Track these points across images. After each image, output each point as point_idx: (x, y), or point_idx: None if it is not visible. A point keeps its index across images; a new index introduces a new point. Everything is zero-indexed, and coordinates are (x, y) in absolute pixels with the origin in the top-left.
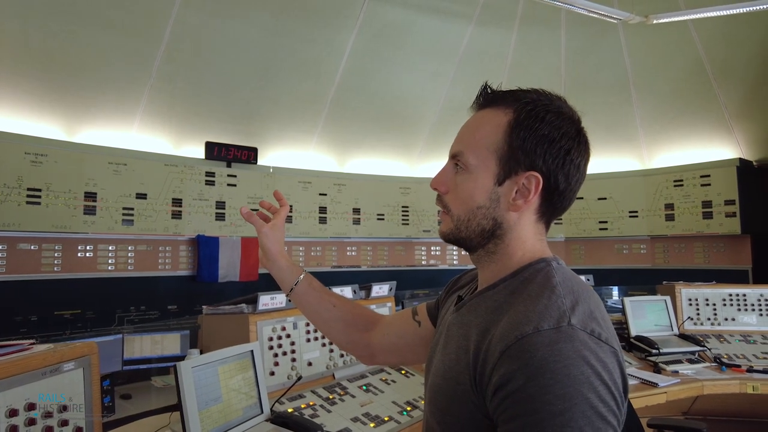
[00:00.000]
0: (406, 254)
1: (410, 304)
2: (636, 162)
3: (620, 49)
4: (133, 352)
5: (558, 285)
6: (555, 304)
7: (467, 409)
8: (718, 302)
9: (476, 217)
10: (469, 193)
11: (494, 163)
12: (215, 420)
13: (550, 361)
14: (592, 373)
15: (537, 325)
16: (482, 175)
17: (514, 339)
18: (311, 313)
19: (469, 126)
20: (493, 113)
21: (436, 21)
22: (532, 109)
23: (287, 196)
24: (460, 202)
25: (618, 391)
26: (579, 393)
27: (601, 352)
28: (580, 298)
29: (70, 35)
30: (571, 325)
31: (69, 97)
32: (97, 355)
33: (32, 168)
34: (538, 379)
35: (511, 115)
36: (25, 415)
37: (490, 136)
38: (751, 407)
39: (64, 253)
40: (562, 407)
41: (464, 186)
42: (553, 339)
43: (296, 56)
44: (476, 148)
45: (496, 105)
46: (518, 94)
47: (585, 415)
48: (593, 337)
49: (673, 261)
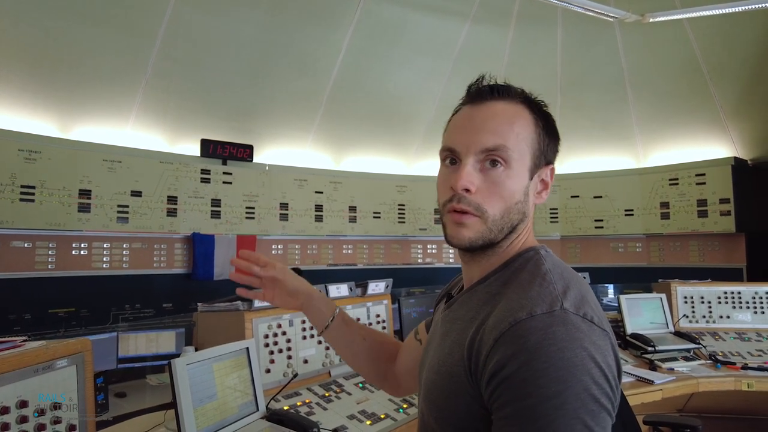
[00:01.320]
0: (403, 252)
1: (406, 302)
2: (632, 160)
3: (616, 48)
4: (127, 350)
5: (548, 272)
6: (547, 290)
7: (464, 401)
8: (713, 300)
9: (510, 213)
10: (510, 188)
11: (528, 157)
12: (210, 418)
13: (544, 344)
14: (586, 355)
15: (530, 310)
16: (522, 170)
17: (508, 325)
18: (342, 348)
19: (496, 118)
20: (511, 107)
21: (433, 18)
22: (543, 106)
23: (283, 194)
24: (499, 199)
25: (612, 373)
26: (573, 376)
27: (594, 336)
28: (570, 283)
29: (64, 31)
30: (564, 309)
31: (63, 94)
32: (90, 352)
33: (26, 165)
34: (531, 363)
35: (527, 110)
36: (17, 412)
37: (526, 129)
38: (746, 404)
39: (58, 251)
40: (555, 390)
41: (505, 182)
42: (546, 323)
43: (292, 53)
44: (518, 140)
45: (506, 98)
46: (519, 89)
47: (579, 397)
48: (586, 321)
49: (668, 259)
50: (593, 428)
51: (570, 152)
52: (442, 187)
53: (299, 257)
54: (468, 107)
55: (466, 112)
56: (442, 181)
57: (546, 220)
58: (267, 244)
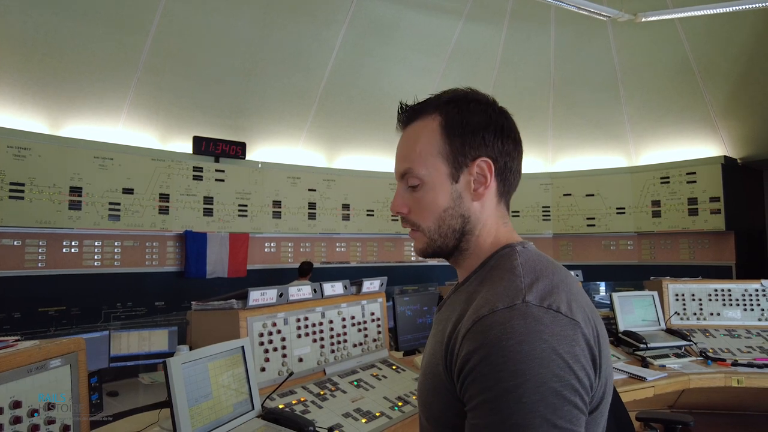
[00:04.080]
0: (396, 250)
1: (400, 300)
2: (623, 159)
3: (609, 47)
4: (119, 348)
5: (519, 266)
6: (513, 284)
7: (446, 399)
8: (704, 297)
9: (445, 220)
10: (431, 201)
11: (443, 165)
12: (205, 417)
13: (502, 338)
14: (546, 347)
15: (492, 306)
16: (438, 181)
17: (472, 322)
18: None
19: (406, 142)
20: (422, 123)
21: (426, 16)
22: (455, 105)
23: (276, 192)
24: (427, 213)
25: (579, 364)
26: (530, 369)
27: (558, 326)
28: (541, 276)
29: (54, 25)
30: (525, 302)
31: (53, 90)
32: (84, 352)
33: (15, 162)
34: (490, 357)
35: (438, 118)
36: (11, 413)
37: (429, 142)
38: (736, 400)
39: (48, 249)
40: (513, 383)
41: (425, 198)
42: (506, 317)
43: (285, 50)
44: (421, 158)
45: (420, 116)
46: (434, 99)
47: (538, 390)
48: (551, 311)
49: (659, 257)
50: (555, 422)
51: (562, 150)
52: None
53: (292, 255)
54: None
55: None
56: None
57: (538, 218)
58: (260, 242)
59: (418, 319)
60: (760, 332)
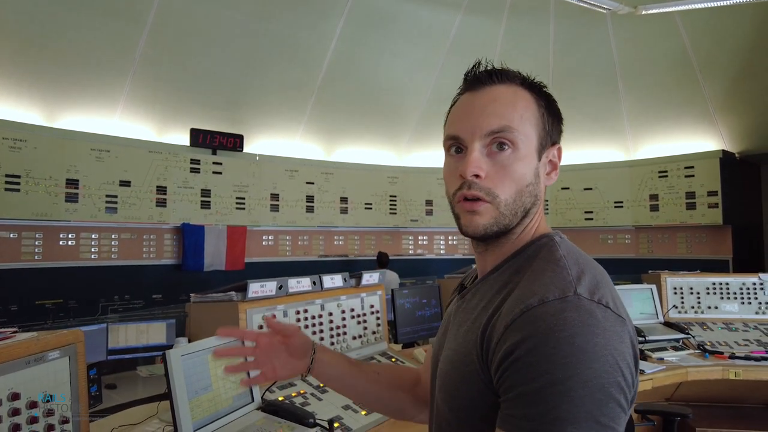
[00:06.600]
0: (394, 243)
1: (399, 293)
2: (621, 153)
3: (608, 41)
4: (117, 341)
5: (563, 258)
6: (560, 276)
7: (477, 388)
8: (702, 291)
9: (522, 195)
10: (519, 170)
11: (535, 138)
12: (205, 409)
13: (555, 329)
14: (598, 342)
15: (542, 296)
16: (530, 151)
17: (519, 312)
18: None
19: (500, 101)
20: (511, 90)
21: (425, 9)
22: (539, 87)
23: (273, 185)
24: (510, 182)
25: (625, 362)
26: (581, 362)
27: (609, 322)
28: (585, 269)
29: (50, 16)
30: (577, 295)
31: (49, 81)
32: (83, 344)
33: (11, 154)
34: (540, 347)
35: (527, 92)
36: (9, 405)
37: (527, 109)
38: (733, 393)
39: (45, 242)
40: (562, 376)
41: (514, 165)
42: (558, 308)
43: (283, 42)
44: (522, 121)
45: (507, 82)
46: (516, 72)
47: (587, 385)
48: (601, 306)
49: (656, 251)
50: (599, 419)
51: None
52: (450, 177)
53: (290, 248)
54: (468, 94)
55: (466, 98)
56: (448, 171)
57: None
58: (257, 235)
59: (417, 312)
60: (758, 325)
